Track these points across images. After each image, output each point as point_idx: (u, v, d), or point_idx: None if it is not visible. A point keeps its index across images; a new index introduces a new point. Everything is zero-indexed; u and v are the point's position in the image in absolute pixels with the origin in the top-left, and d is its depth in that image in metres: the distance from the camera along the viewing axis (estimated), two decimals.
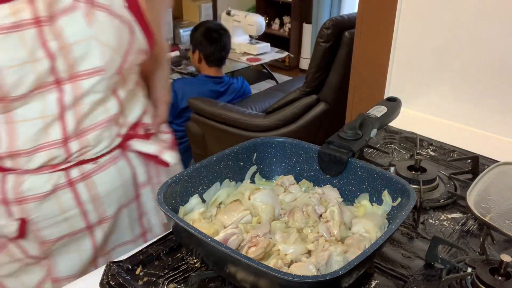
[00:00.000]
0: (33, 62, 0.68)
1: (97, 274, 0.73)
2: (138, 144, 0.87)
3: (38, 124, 0.73)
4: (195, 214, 0.76)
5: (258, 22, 3.78)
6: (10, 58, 0.66)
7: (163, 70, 1.01)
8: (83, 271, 0.90)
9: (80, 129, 0.77)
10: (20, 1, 0.66)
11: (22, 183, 0.77)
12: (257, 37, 4.02)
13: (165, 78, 1.03)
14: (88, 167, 0.81)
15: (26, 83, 0.68)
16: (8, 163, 0.76)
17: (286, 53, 4.19)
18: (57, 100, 0.73)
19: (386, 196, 0.77)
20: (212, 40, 2.79)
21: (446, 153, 1.11)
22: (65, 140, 0.76)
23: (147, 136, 0.91)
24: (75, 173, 0.81)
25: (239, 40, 3.95)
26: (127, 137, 0.86)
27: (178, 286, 0.69)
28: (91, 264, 0.93)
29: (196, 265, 0.73)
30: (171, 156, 0.89)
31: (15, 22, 0.66)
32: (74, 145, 0.77)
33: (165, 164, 0.90)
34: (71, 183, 0.81)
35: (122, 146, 0.86)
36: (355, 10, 1.93)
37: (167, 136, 1.00)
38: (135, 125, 0.89)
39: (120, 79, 0.81)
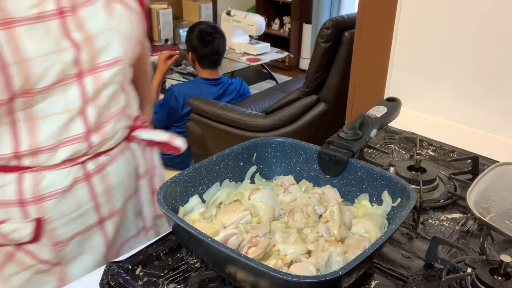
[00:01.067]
0: (59, 52, 0.69)
1: (97, 274, 0.73)
2: (145, 134, 0.90)
3: (61, 119, 0.74)
4: (195, 214, 0.76)
5: (258, 22, 3.78)
6: (36, 49, 0.67)
7: (147, 74, 1.03)
8: None
9: (100, 122, 0.79)
10: None
11: (41, 181, 0.77)
12: (257, 37, 4.02)
13: (149, 81, 1.05)
14: (102, 159, 0.83)
15: (51, 74, 0.69)
16: (26, 162, 0.75)
17: (286, 53, 4.19)
18: (79, 94, 0.74)
19: (386, 196, 0.77)
20: (205, 43, 2.77)
21: (446, 153, 1.11)
22: (87, 134, 0.77)
23: (145, 127, 0.94)
24: (91, 165, 0.82)
25: (239, 40, 3.95)
26: (132, 128, 0.89)
27: (178, 286, 0.69)
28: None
29: (196, 265, 0.73)
30: (182, 142, 0.92)
31: (39, 13, 0.67)
32: (95, 138, 0.79)
33: (176, 149, 0.92)
34: (87, 176, 0.81)
35: (128, 137, 0.88)
36: (355, 10, 1.94)
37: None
38: (136, 117, 0.92)
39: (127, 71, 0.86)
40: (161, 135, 0.91)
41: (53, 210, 0.79)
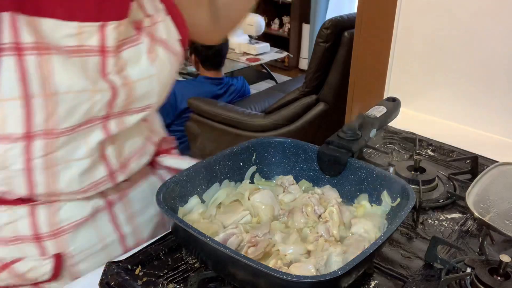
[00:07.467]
0: (93, 92, 0.62)
1: (96, 274, 0.73)
2: (170, 160, 0.85)
3: (83, 164, 0.67)
4: (195, 214, 0.76)
5: (258, 22, 3.79)
6: (69, 84, 0.60)
7: None
8: None
9: (123, 162, 0.74)
10: (91, 24, 0.59)
11: (58, 212, 0.70)
12: (256, 37, 4.02)
13: None
14: (123, 185, 0.77)
15: (77, 113, 0.62)
16: (41, 198, 0.68)
17: (285, 53, 4.19)
18: (102, 137, 0.68)
19: (385, 196, 0.77)
20: (207, 45, 2.78)
21: (445, 153, 1.11)
22: (111, 175, 0.72)
23: (170, 152, 0.88)
24: (112, 193, 0.76)
25: (238, 40, 3.95)
26: (155, 153, 0.84)
27: (178, 286, 0.69)
28: None
29: (195, 265, 0.73)
30: None
31: (78, 45, 0.60)
32: (120, 177, 0.73)
33: None
34: (109, 204, 0.76)
35: (151, 163, 0.83)
36: (354, 10, 1.94)
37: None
38: (161, 140, 0.87)
39: None
40: (183, 163, 0.83)
41: (73, 243, 0.72)
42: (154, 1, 0.70)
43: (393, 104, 0.97)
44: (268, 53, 4.00)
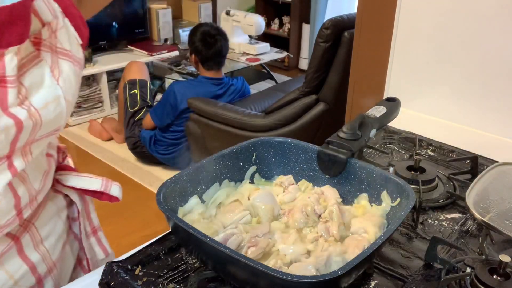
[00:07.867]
0: None
1: (96, 274, 0.73)
2: (72, 179, 0.75)
3: None
4: (195, 214, 0.76)
5: (258, 22, 3.79)
6: None
7: None
8: None
9: (32, 196, 0.65)
10: None
11: None
12: (256, 37, 4.02)
13: None
14: (27, 212, 0.67)
15: None
16: None
17: (285, 53, 4.19)
18: (9, 179, 0.59)
19: (385, 196, 0.77)
20: (207, 45, 2.78)
21: (445, 153, 1.11)
22: (19, 213, 0.64)
23: (70, 168, 0.79)
24: (17, 227, 0.67)
25: (238, 40, 3.95)
26: (55, 170, 0.75)
27: (178, 286, 0.69)
28: None
29: (195, 265, 0.73)
30: (118, 190, 0.76)
31: None
32: (27, 212, 0.66)
33: (115, 199, 0.77)
34: (16, 240, 0.67)
35: (52, 184, 0.75)
36: (354, 10, 1.94)
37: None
38: (57, 154, 0.78)
39: None
40: (92, 182, 0.74)
41: None
42: (49, 3, 0.60)
43: (393, 104, 0.97)
44: (268, 53, 4.00)
